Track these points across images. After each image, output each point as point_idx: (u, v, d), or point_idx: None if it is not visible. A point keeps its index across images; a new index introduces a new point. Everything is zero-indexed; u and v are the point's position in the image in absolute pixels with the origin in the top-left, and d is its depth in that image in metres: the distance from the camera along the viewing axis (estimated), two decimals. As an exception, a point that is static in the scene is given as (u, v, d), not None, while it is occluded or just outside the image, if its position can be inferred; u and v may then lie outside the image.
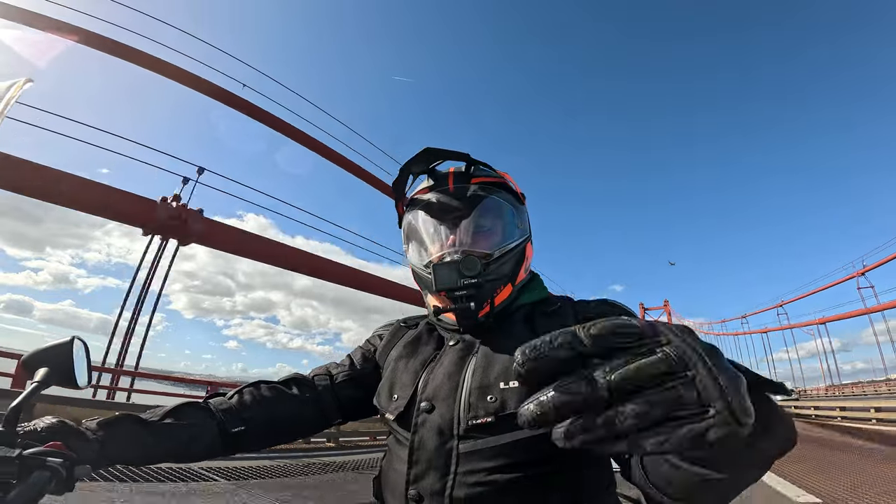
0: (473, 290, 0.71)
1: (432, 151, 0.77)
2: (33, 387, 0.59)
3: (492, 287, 0.74)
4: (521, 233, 0.81)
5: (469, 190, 0.78)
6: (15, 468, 0.48)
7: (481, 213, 0.77)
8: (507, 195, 0.81)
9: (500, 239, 0.78)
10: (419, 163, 0.79)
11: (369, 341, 0.95)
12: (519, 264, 0.79)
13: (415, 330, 0.86)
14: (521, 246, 0.80)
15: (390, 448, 0.75)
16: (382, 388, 0.80)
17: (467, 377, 0.68)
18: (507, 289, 0.77)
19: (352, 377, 0.87)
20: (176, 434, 0.68)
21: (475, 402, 0.64)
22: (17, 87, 1.36)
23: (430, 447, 0.65)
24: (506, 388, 0.63)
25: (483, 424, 0.62)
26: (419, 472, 0.65)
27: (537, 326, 0.73)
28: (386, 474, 0.73)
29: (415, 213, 0.82)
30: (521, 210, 0.83)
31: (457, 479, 0.61)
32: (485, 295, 0.73)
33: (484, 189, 0.78)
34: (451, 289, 0.72)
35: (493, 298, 0.75)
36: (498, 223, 0.79)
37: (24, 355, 0.63)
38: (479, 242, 0.77)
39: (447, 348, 0.76)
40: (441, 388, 0.69)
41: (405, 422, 0.70)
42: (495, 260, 0.75)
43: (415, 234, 0.83)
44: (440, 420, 0.66)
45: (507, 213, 0.80)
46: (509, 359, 0.66)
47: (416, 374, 0.74)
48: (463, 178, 0.80)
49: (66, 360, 0.62)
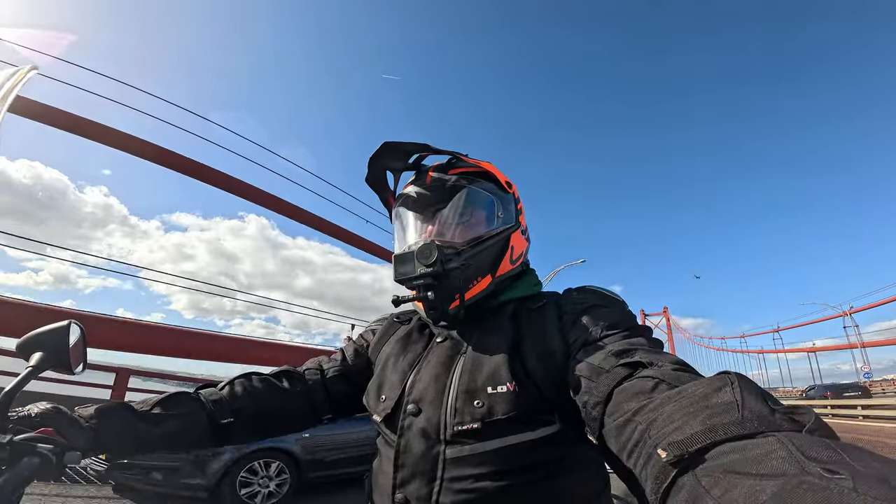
0: (431, 279, 0.68)
1: (391, 145, 0.75)
2: (27, 371, 0.58)
3: (460, 278, 0.71)
4: (502, 221, 0.77)
5: (447, 181, 0.76)
6: (6, 454, 0.48)
7: (456, 203, 0.76)
8: (488, 184, 0.78)
9: (474, 229, 0.75)
10: (382, 156, 0.77)
11: (362, 336, 0.94)
12: (500, 255, 0.76)
13: (407, 326, 0.85)
14: (503, 235, 0.76)
15: (379, 449, 0.74)
16: (371, 386, 0.78)
17: (454, 380, 0.66)
18: (486, 280, 0.74)
19: (342, 373, 0.87)
20: (166, 424, 0.67)
21: (462, 406, 0.62)
22: (20, 73, 1.38)
23: (416, 451, 0.64)
24: (493, 393, 0.61)
25: (469, 430, 0.60)
26: (405, 476, 0.64)
27: (522, 324, 0.71)
28: (375, 476, 0.72)
29: (398, 209, 0.82)
30: (504, 199, 0.79)
31: (443, 486, 0.60)
32: (451, 286, 0.70)
33: (461, 179, 0.76)
34: (407, 278, 0.70)
35: (466, 291, 0.72)
36: (474, 213, 0.76)
37: (19, 339, 0.61)
38: (452, 233, 0.75)
39: (434, 345, 0.75)
40: (427, 391, 0.67)
41: (392, 424, 0.69)
42: (467, 249, 0.72)
43: (396, 229, 0.82)
44: (426, 424, 0.64)
45: (484, 203, 0.77)
46: (497, 360, 0.64)
47: (404, 375, 0.73)
48: (442, 169, 0.78)
49: (62, 344, 0.61)
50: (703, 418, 0.36)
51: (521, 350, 0.66)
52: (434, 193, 0.77)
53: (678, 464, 0.34)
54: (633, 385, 0.49)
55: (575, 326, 0.65)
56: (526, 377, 0.62)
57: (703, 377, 0.45)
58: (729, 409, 0.36)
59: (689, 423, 0.37)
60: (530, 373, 0.62)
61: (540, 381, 0.61)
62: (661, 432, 0.38)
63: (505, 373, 0.62)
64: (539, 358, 0.64)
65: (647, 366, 0.50)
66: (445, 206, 0.76)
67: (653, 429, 0.40)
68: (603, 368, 0.54)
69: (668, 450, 0.36)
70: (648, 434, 0.40)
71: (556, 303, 0.73)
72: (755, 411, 0.35)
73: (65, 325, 0.62)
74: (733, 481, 0.29)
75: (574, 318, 0.67)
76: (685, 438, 0.35)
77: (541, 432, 0.59)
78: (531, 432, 0.59)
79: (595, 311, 0.66)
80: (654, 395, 0.45)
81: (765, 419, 0.34)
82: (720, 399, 0.38)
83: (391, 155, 0.78)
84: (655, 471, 0.37)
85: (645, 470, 0.39)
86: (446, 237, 0.75)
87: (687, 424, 0.37)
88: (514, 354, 0.65)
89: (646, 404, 0.44)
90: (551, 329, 0.67)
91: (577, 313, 0.67)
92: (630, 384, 0.49)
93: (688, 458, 0.34)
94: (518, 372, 0.62)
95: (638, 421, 0.43)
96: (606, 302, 0.70)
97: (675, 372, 0.47)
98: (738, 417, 0.35)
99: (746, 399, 0.37)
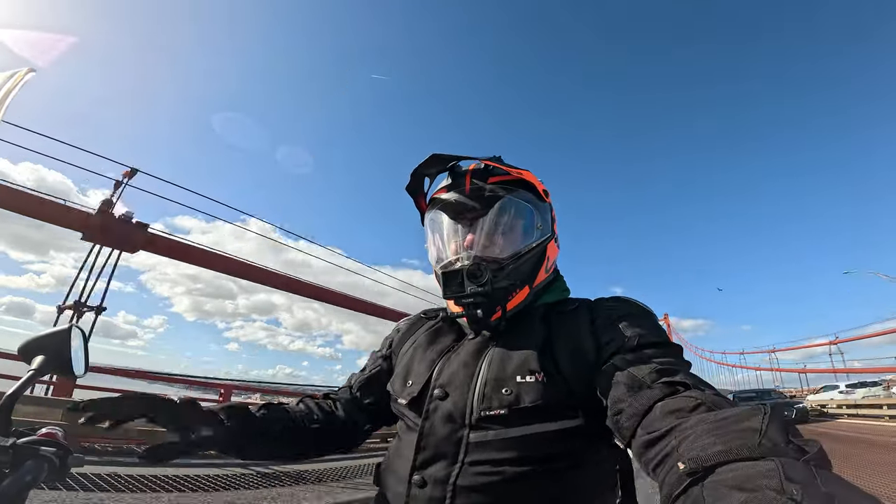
0: (481, 297, 0.70)
1: (438, 157, 0.76)
2: (30, 374, 0.58)
3: (504, 292, 0.73)
4: (540, 233, 0.78)
5: (486, 190, 0.75)
6: (9, 457, 0.48)
7: (497, 215, 0.75)
8: (527, 194, 0.77)
9: (516, 241, 0.75)
10: (429, 167, 0.79)
11: (387, 337, 0.95)
12: (538, 265, 0.77)
13: (434, 321, 0.87)
14: (541, 247, 0.77)
15: (399, 434, 0.75)
16: (398, 375, 0.80)
17: (483, 368, 0.67)
18: (524, 291, 0.76)
19: (368, 380, 0.89)
20: (274, 428, 0.77)
21: (490, 393, 0.64)
22: (18, 76, 1.36)
23: (439, 434, 0.65)
24: (522, 381, 0.63)
25: (496, 416, 0.62)
26: (426, 457, 0.65)
27: (553, 325, 0.72)
28: (392, 460, 0.73)
29: (434, 213, 0.81)
30: (542, 208, 0.79)
31: (463, 468, 0.61)
32: (495, 301, 0.72)
33: (502, 188, 0.76)
34: (458, 296, 0.71)
35: (507, 303, 0.73)
36: (515, 224, 0.76)
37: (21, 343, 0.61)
38: (494, 245, 0.74)
39: (466, 341, 0.76)
40: (456, 376, 0.69)
41: (417, 407, 0.70)
42: (510, 263, 0.73)
43: (433, 234, 0.82)
44: (452, 408, 0.66)
45: (525, 214, 0.76)
46: (527, 353, 0.66)
47: (432, 363, 0.75)
48: (480, 176, 0.77)
49: (64, 348, 0.62)
50: (725, 440, 0.40)
51: (552, 347, 0.67)
52: (475, 202, 0.76)
53: (692, 475, 0.38)
54: (674, 402, 0.50)
55: (608, 330, 0.66)
56: (556, 371, 0.64)
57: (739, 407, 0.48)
58: (751, 436, 0.39)
59: (715, 443, 0.40)
60: (560, 368, 0.64)
61: (569, 375, 0.63)
62: (689, 448, 0.42)
63: (535, 364, 0.64)
64: (570, 355, 0.65)
65: (689, 387, 0.52)
66: (485, 215, 0.75)
67: (682, 445, 0.43)
68: (645, 383, 0.55)
69: (688, 463, 0.39)
70: (678, 450, 0.43)
71: (588, 307, 0.74)
72: (772, 440, 0.38)
73: (66, 329, 0.62)
74: (724, 493, 0.34)
75: (607, 322, 0.68)
76: (705, 455, 0.39)
77: (563, 424, 0.61)
78: (554, 423, 0.61)
79: (629, 319, 0.67)
80: (692, 415, 0.47)
81: (777, 447, 0.37)
82: (747, 426, 0.41)
83: (439, 165, 0.79)
84: (672, 479, 0.41)
85: (665, 478, 0.43)
86: (492, 250, 0.74)
87: (712, 445, 0.40)
88: (546, 350, 0.67)
89: (682, 422, 0.46)
90: (583, 330, 0.68)
91: (611, 319, 0.68)
92: (672, 401, 0.51)
93: (702, 472, 0.38)
94: (548, 365, 0.64)
95: (672, 436, 0.45)
96: (639, 312, 0.70)
97: (715, 398, 0.49)
98: (755, 443, 0.38)
99: (769, 429, 0.39)
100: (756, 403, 0.47)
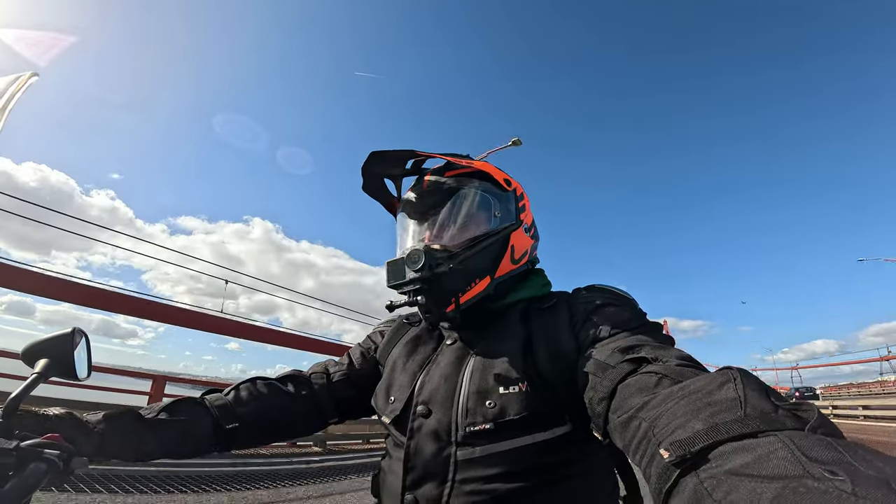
0: (420, 283, 0.68)
1: (377, 154, 0.75)
2: (33, 378, 0.58)
3: (455, 281, 0.70)
4: (499, 221, 0.76)
5: (442, 183, 0.76)
6: (12, 460, 0.48)
7: (451, 205, 0.75)
8: (484, 183, 0.77)
9: (469, 230, 0.74)
10: (371, 164, 0.78)
11: (370, 338, 0.94)
12: (500, 255, 0.75)
13: (416, 328, 0.85)
14: (502, 235, 0.75)
15: (388, 450, 0.74)
16: (380, 388, 0.78)
17: (465, 380, 0.65)
18: (484, 282, 0.73)
19: (349, 376, 0.87)
20: (170, 429, 0.67)
21: (473, 407, 0.61)
22: (21, 80, 1.37)
23: (426, 453, 0.63)
24: (505, 393, 0.60)
25: (482, 431, 0.60)
26: (416, 478, 0.63)
27: (533, 325, 0.70)
28: (384, 476, 0.72)
29: (399, 215, 0.82)
30: (503, 197, 0.78)
31: (454, 488, 0.59)
32: (444, 289, 0.70)
33: (456, 180, 0.76)
34: (398, 284, 0.70)
35: (463, 293, 0.71)
36: (471, 213, 0.75)
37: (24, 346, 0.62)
38: (445, 234, 0.74)
39: (444, 348, 0.74)
40: (437, 392, 0.67)
41: (402, 425, 0.69)
42: (464, 252, 0.71)
43: (398, 235, 0.82)
44: (437, 425, 0.64)
45: (480, 202, 0.76)
46: (508, 361, 0.64)
47: (413, 376, 0.73)
48: (438, 172, 0.79)
49: (67, 351, 0.61)
50: (705, 416, 0.36)
51: (532, 350, 0.65)
52: (430, 197, 0.77)
53: (680, 464, 0.34)
54: (637, 381, 0.48)
55: (585, 325, 0.65)
56: (538, 377, 0.62)
57: (708, 372, 0.45)
58: (731, 407, 0.35)
59: (692, 421, 0.36)
60: (542, 373, 0.62)
61: (552, 381, 0.61)
62: (664, 430, 0.38)
63: (517, 373, 0.62)
64: (551, 358, 0.63)
65: (651, 361, 0.50)
66: (438, 209, 0.76)
67: (656, 426, 0.40)
68: (608, 364, 0.54)
69: (671, 450, 0.35)
70: (652, 432, 0.40)
71: (566, 302, 0.72)
72: (758, 408, 0.35)
73: (69, 332, 0.62)
74: (735, 483, 0.29)
75: (584, 316, 0.67)
76: (687, 438, 0.35)
77: (553, 432, 0.59)
78: (543, 433, 0.59)
79: (605, 309, 0.66)
80: (658, 390, 0.44)
81: (767, 417, 0.33)
82: (723, 396, 0.37)
83: (383, 162, 0.78)
84: (658, 471, 0.36)
85: (649, 469, 0.39)
86: (442, 240, 0.74)
87: (689, 423, 0.36)
88: (526, 355, 0.65)
89: (649, 401, 0.43)
90: (562, 329, 0.67)
91: (588, 312, 0.67)
92: (634, 380, 0.49)
93: (690, 459, 0.33)
94: (530, 372, 0.62)
95: (642, 418, 0.43)
96: (616, 300, 0.69)
97: (678, 367, 0.47)
98: (741, 415, 0.34)
99: (749, 396, 0.36)
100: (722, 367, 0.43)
